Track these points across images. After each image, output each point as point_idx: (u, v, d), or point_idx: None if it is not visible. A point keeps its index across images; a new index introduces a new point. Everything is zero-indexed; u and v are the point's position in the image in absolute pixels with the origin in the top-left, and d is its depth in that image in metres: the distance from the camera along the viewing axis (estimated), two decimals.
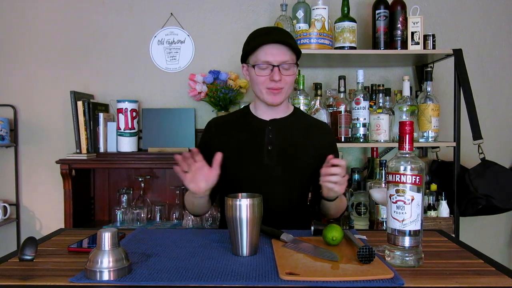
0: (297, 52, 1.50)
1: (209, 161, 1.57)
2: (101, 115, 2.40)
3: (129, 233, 1.35)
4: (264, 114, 1.58)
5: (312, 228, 1.32)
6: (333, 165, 1.33)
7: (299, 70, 2.32)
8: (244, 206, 1.10)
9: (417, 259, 1.03)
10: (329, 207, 1.52)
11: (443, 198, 2.17)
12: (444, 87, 2.50)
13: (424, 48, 2.21)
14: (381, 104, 2.20)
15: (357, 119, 2.17)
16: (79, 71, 2.58)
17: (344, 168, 1.33)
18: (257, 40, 1.47)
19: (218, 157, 1.34)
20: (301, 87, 2.24)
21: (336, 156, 1.65)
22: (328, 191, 1.38)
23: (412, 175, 1.02)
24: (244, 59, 1.53)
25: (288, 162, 1.49)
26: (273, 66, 1.44)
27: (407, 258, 1.03)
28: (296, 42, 1.55)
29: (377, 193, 1.33)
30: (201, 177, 1.33)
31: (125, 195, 2.30)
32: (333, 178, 1.32)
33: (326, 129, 1.70)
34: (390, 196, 1.05)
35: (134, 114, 2.39)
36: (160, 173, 2.50)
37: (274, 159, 1.51)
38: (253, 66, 1.47)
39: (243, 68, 1.56)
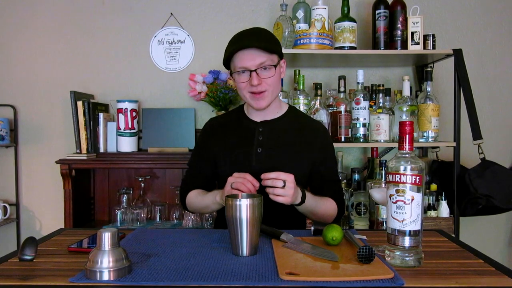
0: (278, 51, 1.47)
1: (205, 161, 1.60)
2: (101, 115, 2.40)
3: (129, 233, 1.35)
4: (255, 115, 1.57)
5: (312, 228, 1.32)
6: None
7: (299, 70, 2.33)
8: (244, 206, 1.10)
9: (417, 259, 1.03)
10: (303, 212, 1.48)
11: (443, 198, 2.17)
12: (444, 87, 2.50)
13: (424, 48, 2.21)
14: (381, 104, 2.20)
15: (357, 119, 2.17)
16: (79, 71, 2.58)
17: (281, 177, 1.29)
18: (230, 47, 1.47)
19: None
20: (301, 87, 2.24)
21: (331, 156, 1.62)
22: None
23: (412, 175, 1.02)
24: (226, 66, 1.53)
25: (277, 164, 1.46)
26: (251, 71, 1.44)
27: (407, 258, 1.03)
28: (275, 40, 1.51)
29: (377, 193, 1.33)
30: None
31: (125, 195, 2.30)
32: (270, 190, 1.30)
33: (320, 129, 1.64)
34: (390, 196, 1.05)
35: (134, 114, 2.39)
36: (160, 173, 2.50)
37: (263, 161, 1.50)
38: (231, 74, 1.49)
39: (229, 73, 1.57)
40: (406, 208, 1.02)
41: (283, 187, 1.29)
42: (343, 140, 2.18)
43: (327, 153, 1.60)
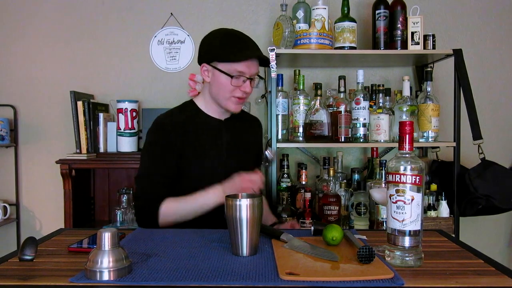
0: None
1: (170, 160, 1.52)
2: (101, 115, 2.40)
3: (129, 233, 1.35)
4: (217, 113, 1.64)
5: (312, 228, 1.32)
6: None
7: (299, 70, 2.33)
8: (244, 206, 1.10)
9: (417, 259, 1.03)
10: None
11: (443, 198, 2.16)
12: (444, 87, 2.50)
13: (424, 48, 2.21)
14: (381, 104, 2.20)
15: (357, 119, 2.17)
16: (79, 71, 2.58)
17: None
18: (242, 52, 1.49)
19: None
20: (301, 87, 2.24)
21: (260, 148, 1.81)
22: None
23: (412, 175, 1.02)
24: (210, 60, 1.53)
25: (241, 158, 1.62)
26: (247, 78, 1.52)
27: (407, 258, 1.03)
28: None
29: (377, 193, 1.33)
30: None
31: (125, 195, 2.30)
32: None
33: (259, 123, 1.83)
34: (390, 196, 1.05)
35: (134, 114, 2.39)
36: None
37: (232, 157, 1.61)
38: (229, 75, 1.50)
39: (202, 67, 1.55)
40: (406, 208, 1.02)
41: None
42: (343, 140, 2.17)
43: (261, 143, 1.83)
